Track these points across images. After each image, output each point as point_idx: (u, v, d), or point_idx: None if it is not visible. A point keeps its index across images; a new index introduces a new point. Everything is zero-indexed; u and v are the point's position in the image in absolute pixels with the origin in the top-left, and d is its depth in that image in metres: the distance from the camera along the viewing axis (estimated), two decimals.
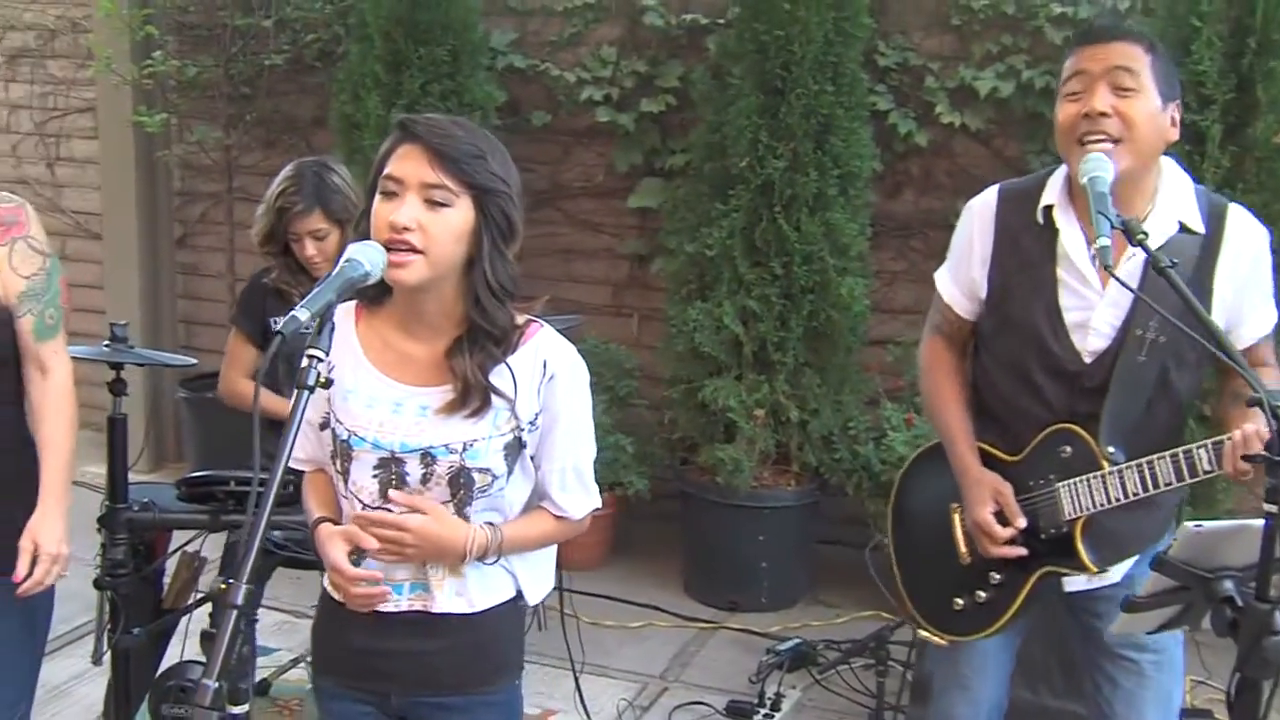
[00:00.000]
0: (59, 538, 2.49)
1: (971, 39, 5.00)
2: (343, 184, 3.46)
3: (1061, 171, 2.46)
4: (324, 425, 2.14)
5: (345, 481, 2.11)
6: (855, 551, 5.05)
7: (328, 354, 1.81)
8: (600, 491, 2.23)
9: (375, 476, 2.07)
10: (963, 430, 2.57)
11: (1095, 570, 2.44)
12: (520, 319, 2.09)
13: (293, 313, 1.75)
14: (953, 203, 5.11)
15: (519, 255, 2.08)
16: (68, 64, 6.45)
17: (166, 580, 3.46)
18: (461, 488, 2.06)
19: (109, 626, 3.23)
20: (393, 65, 4.97)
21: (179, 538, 3.39)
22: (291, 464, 2.21)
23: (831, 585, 4.99)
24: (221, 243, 6.13)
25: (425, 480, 2.06)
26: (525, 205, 2.10)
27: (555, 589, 2.60)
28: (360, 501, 2.08)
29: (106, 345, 3.09)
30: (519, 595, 2.18)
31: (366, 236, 2.00)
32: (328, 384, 1.83)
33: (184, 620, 3.37)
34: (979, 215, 2.57)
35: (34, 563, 2.46)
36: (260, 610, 3.41)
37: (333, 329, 1.82)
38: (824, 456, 4.80)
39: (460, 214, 1.99)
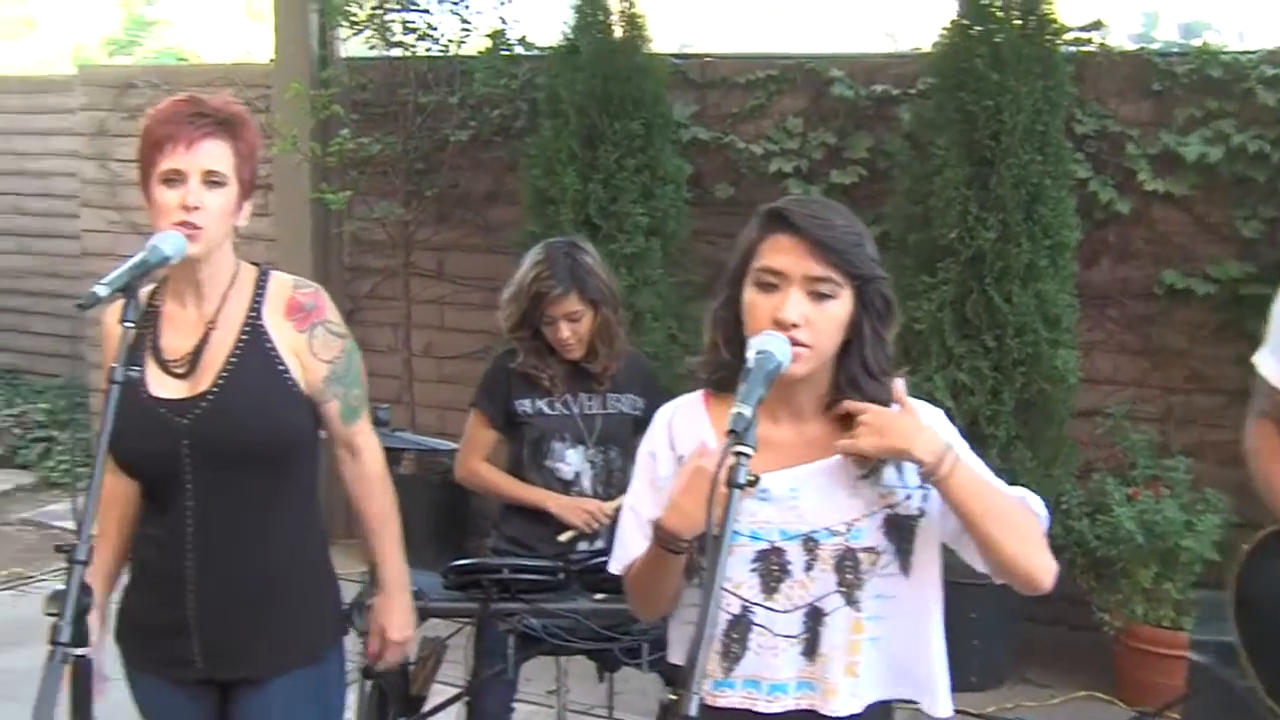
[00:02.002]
0: (404, 623, 2.54)
1: (1173, 104, 4.91)
2: (595, 264, 3.43)
3: None
4: None
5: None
6: (1065, 630, 4.93)
7: None
8: None
9: (754, 570, 2.00)
10: None
11: None
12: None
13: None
14: (1152, 270, 5.01)
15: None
16: None
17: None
18: (848, 571, 1.98)
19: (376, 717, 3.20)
20: (587, 140, 4.98)
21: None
22: (615, 567, 2.16)
23: (1039, 664, 4.84)
24: (392, 317, 6.15)
25: (809, 568, 1.98)
26: (708, 279, 2.04)
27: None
28: (738, 598, 2.01)
29: None
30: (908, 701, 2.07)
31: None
32: (754, 482, 1.76)
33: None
34: None
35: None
36: (516, 703, 3.36)
37: None
38: None
39: (843, 305, 1.93)
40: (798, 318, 1.89)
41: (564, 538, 3.42)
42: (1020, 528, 1.94)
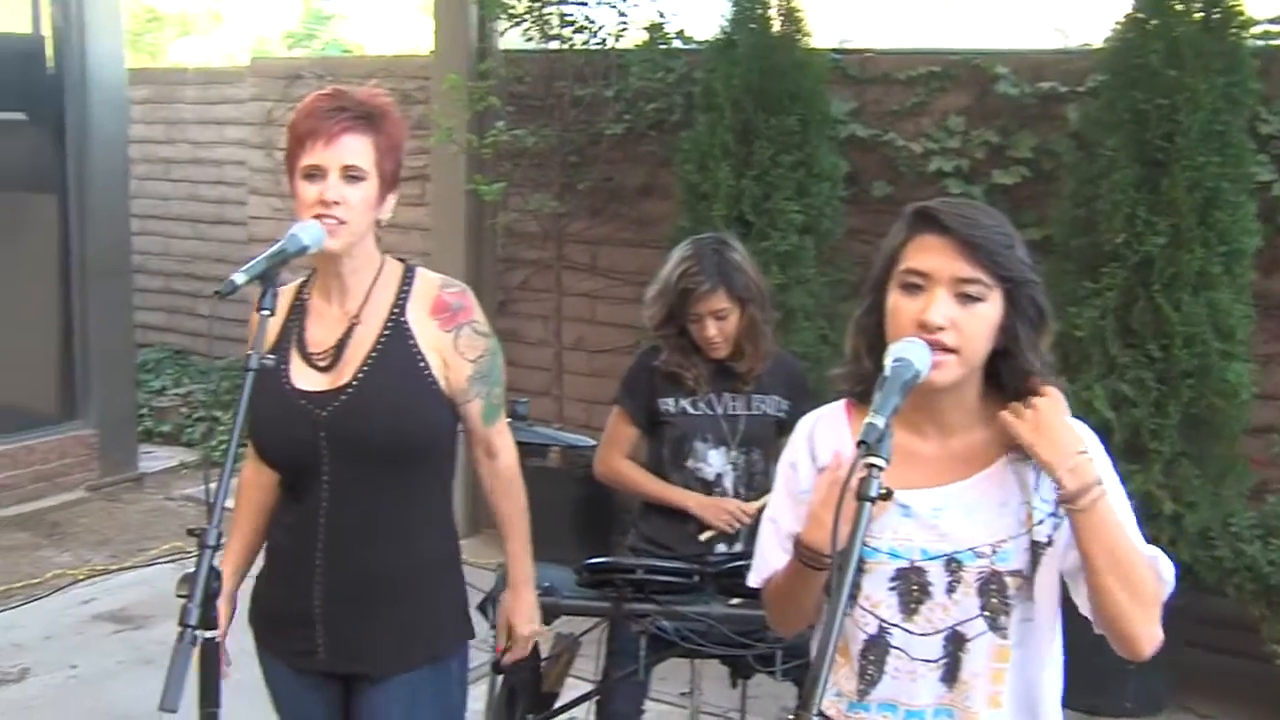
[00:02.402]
0: (529, 618, 2.55)
1: None
2: (743, 261, 3.36)
3: None
4: None
5: (854, 599, 1.95)
6: (1230, 659, 4.68)
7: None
8: None
9: (893, 589, 1.91)
10: None
11: None
12: None
13: None
14: None
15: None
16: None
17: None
18: (994, 595, 1.88)
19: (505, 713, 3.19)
20: (743, 135, 4.90)
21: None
22: (754, 580, 2.10)
23: (1201, 692, 4.60)
24: (543, 310, 6.18)
25: (951, 590, 1.88)
26: (861, 279, 1.94)
27: None
28: (876, 617, 1.92)
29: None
30: None
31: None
32: (887, 495, 1.67)
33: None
34: None
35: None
36: (648, 703, 3.32)
37: None
38: (1200, 554, 4.42)
39: (992, 308, 1.83)
40: (943, 320, 1.80)
41: (704, 538, 3.37)
42: (1140, 589, 1.81)
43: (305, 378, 2.38)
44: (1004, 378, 1.89)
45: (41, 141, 6.45)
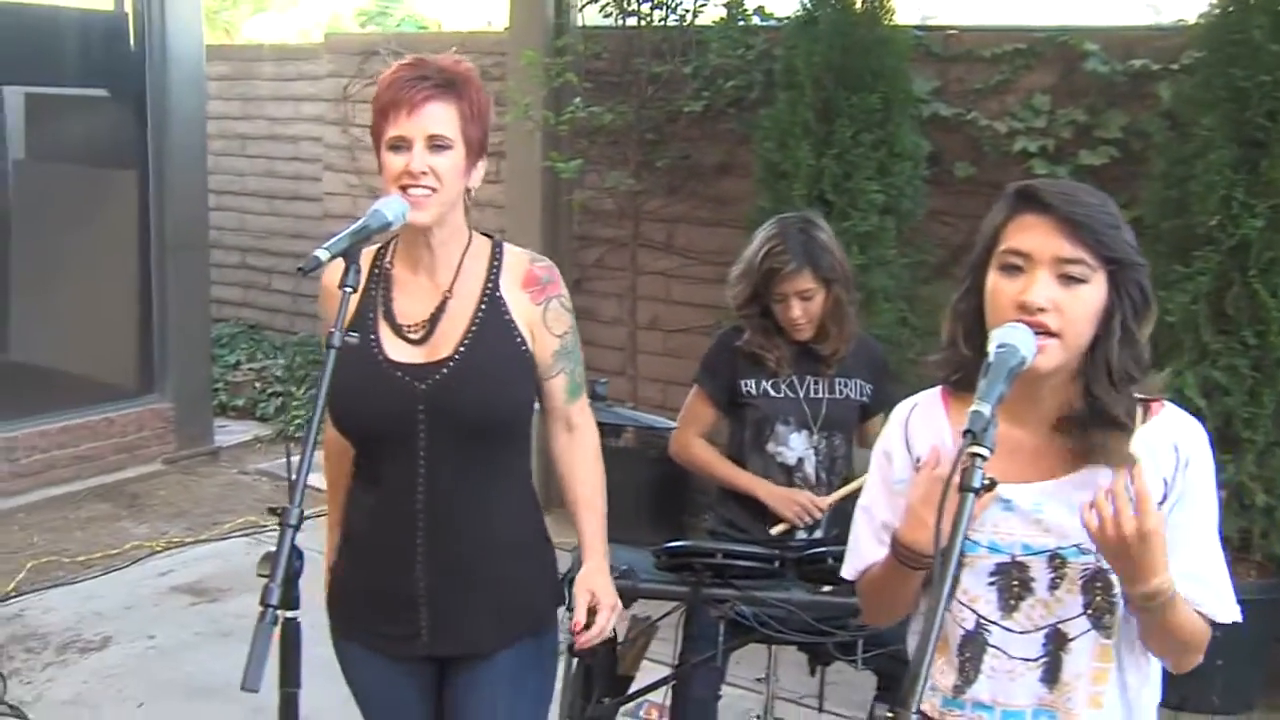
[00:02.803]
0: (610, 589, 2.43)
1: None
2: (829, 241, 3.29)
3: None
4: None
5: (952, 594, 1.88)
6: None
7: None
8: None
9: (993, 584, 1.85)
10: None
11: None
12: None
13: None
14: None
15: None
16: None
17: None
18: (1098, 593, 1.81)
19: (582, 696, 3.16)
20: (823, 113, 4.82)
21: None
22: (848, 573, 2.04)
23: None
24: (618, 288, 6.13)
25: (1054, 587, 1.82)
26: (942, 260, 1.86)
27: None
28: (973, 613, 1.86)
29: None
30: None
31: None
32: (991, 486, 1.60)
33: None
34: None
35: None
36: (725, 687, 3.27)
37: None
38: None
39: (1096, 291, 1.76)
40: (1045, 301, 1.73)
41: (775, 531, 3.31)
42: (1186, 645, 1.81)
43: (398, 350, 2.34)
44: (1095, 368, 1.80)
45: (123, 118, 6.51)
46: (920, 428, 1.95)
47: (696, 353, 3.49)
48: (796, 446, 3.34)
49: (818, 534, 3.36)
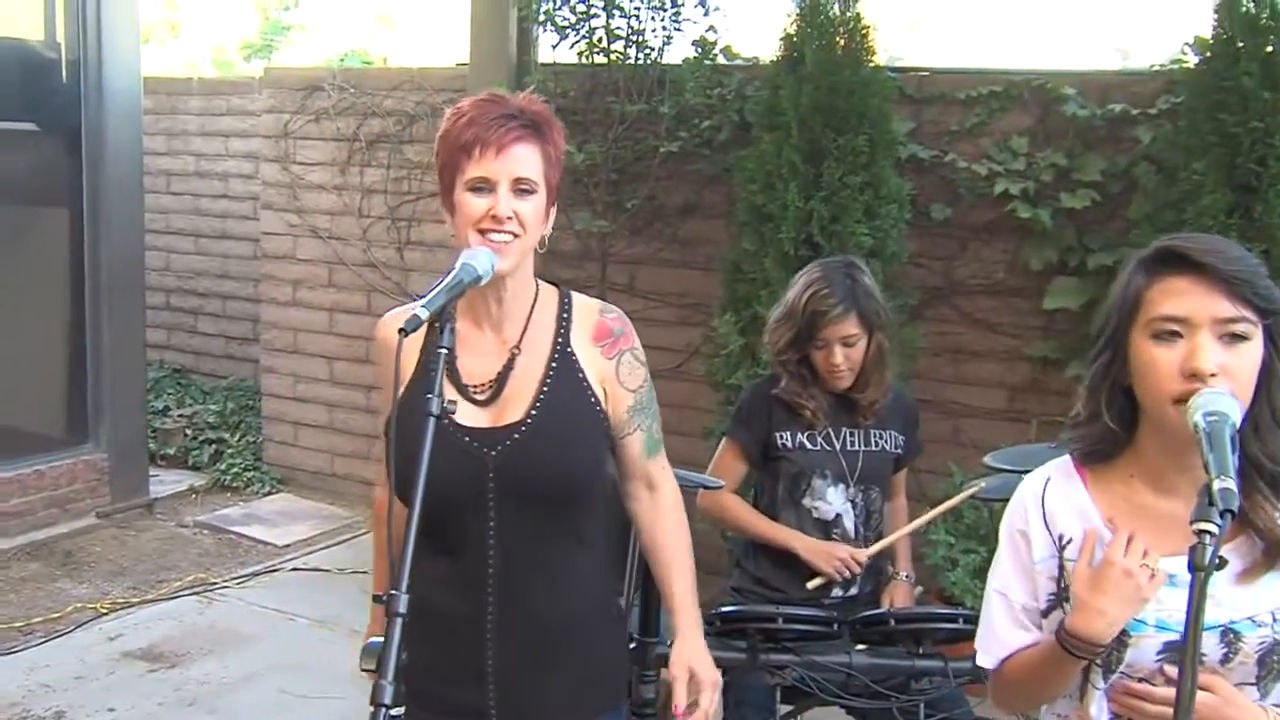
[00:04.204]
0: (710, 661, 2.27)
1: None
2: (873, 286, 3.21)
3: None
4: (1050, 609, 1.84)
5: (1112, 673, 1.79)
6: None
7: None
8: None
9: (1160, 661, 1.75)
10: None
11: None
12: None
13: None
14: None
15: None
16: (424, 148, 6.42)
17: None
18: (1273, 667, 1.73)
19: None
20: (810, 155, 4.74)
21: None
22: (986, 661, 1.93)
23: None
24: None
25: (1226, 661, 1.73)
26: (919, 302, 1.80)
27: None
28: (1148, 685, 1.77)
29: None
30: None
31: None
32: (1223, 564, 1.51)
33: None
34: None
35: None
36: None
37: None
38: None
39: (1256, 347, 1.71)
40: (1215, 367, 1.66)
41: (812, 585, 3.21)
42: None
43: (464, 413, 2.17)
44: (1260, 422, 1.74)
45: (55, 153, 6.18)
46: (1060, 505, 1.87)
47: (661, 397, 3.30)
48: (834, 501, 3.23)
49: (853, 591, 3.25)
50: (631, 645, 2.76)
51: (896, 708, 2.86)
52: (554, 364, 2.21)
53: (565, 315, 2.27)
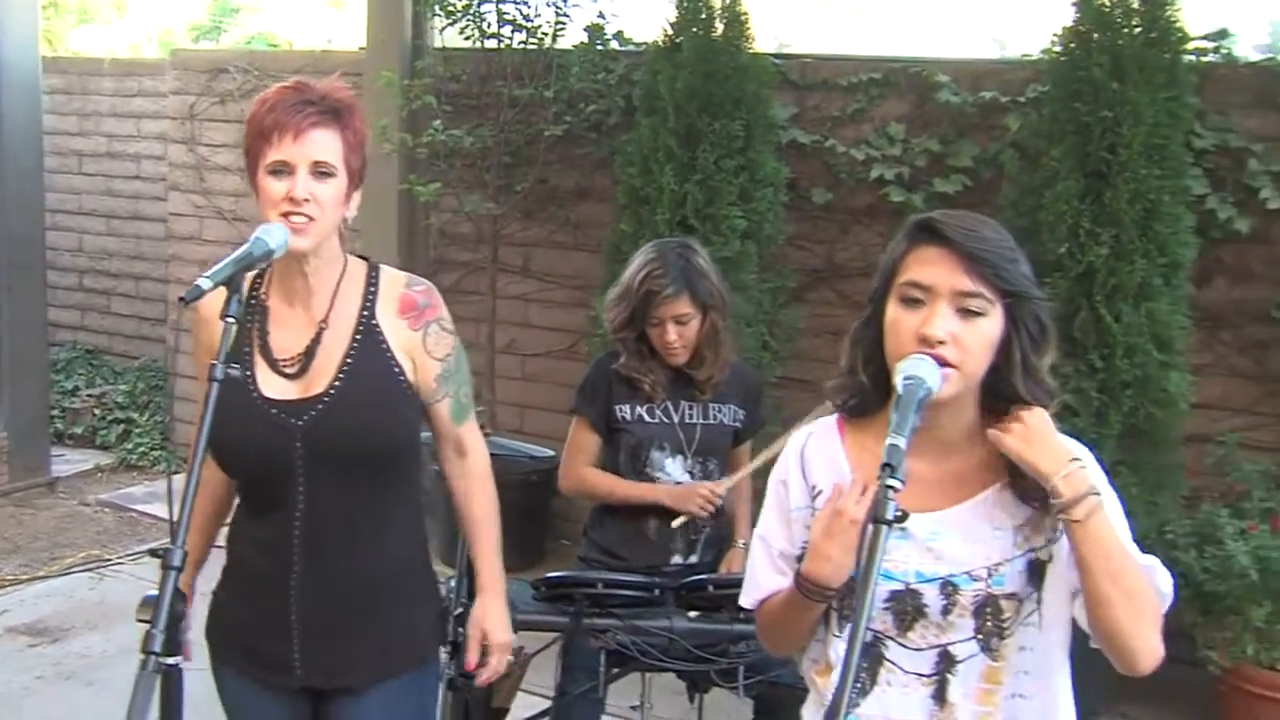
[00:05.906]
0: (504, 625, 2.43)
1: None
2: (707, 267, 3.31)
3: None
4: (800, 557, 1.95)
5: (846, 620, 1.91)
6: (1164, 665, 4.71)
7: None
8: None
9: (887, 609, 1.87)
10: None
11: None
12: None
13: None
14: (1269, 293, 4.80)
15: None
16: None
17: None
18: (988, 618, 1.85)
19: None
20: (686, 139, 4.85)
21: None
22: (746, 602, 2.04)
23: (1136, 699, 4.64)
24: (476, 312, 6.05)
25: (946, 613, 1.85)
26: (800, 285, 1.92)
27: None
28: (870, 630, 1.88)
29: None
30: None
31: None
32: (904, 517, 1.63)
33: None
34: None
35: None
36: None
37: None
38: None
39: (993, 324, 1.80)
40: (944, 334, 1.77)
41: (676, 524, 3.31)
42: (1139, 601, 1.78)
43: (273, 386, 2.28)
44: (999, 396, 1.86)
45: None
46: (816, 457, 1.97)
47: (554, 377, 3.46)
48: (673, 472, 3.34)
49: (693, 559, 3.37)
50: (458, 611, 2.86)
51: (716, 671, 2.97)
52: (358, 336, 2.31)
53: (372, 290, 2.36)
